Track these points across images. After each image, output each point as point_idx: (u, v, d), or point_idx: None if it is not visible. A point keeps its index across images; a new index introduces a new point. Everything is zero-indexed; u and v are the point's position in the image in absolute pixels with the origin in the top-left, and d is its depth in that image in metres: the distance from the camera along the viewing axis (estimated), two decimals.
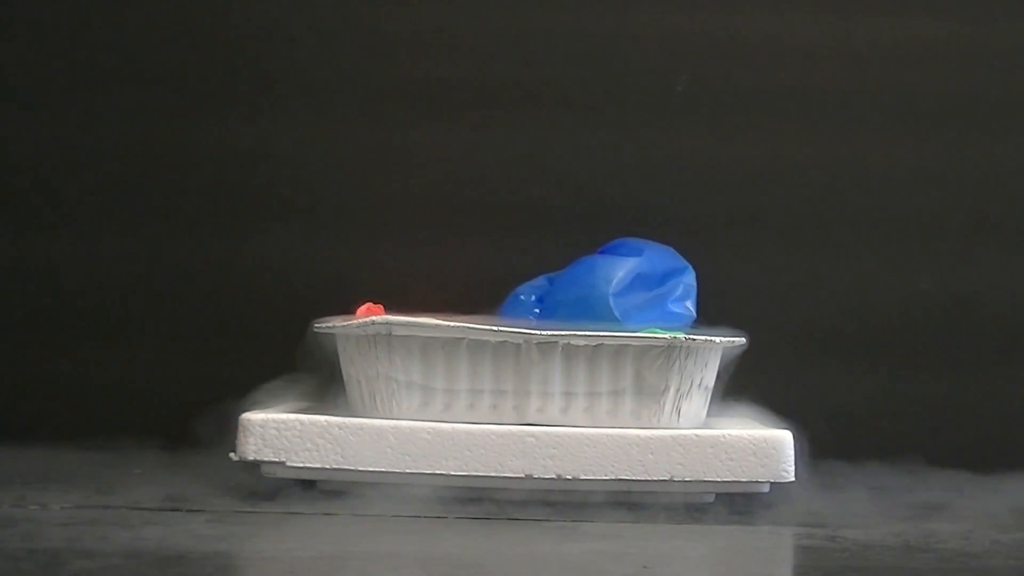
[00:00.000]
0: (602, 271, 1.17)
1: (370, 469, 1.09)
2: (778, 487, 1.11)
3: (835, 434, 1.25)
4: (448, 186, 1.41)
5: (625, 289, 1.17)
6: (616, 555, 0.95)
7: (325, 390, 1.20)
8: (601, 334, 1.11)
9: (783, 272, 1.40)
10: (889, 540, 1.01)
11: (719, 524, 1.06)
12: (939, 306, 1.40)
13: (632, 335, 1.11)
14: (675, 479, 1.09)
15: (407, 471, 1.09)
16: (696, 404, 1.14)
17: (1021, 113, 1.41)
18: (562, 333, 1.10)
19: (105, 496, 1.10)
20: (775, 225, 1.40)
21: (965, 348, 1.40)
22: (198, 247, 1.41)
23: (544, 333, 1.10)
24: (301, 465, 1.09)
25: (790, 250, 1.40)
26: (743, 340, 1.14)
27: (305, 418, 1.09)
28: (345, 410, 1.14)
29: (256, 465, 1.10)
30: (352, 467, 1.09)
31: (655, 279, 1.18)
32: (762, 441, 1.10)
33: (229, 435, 1.10)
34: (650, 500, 1.10)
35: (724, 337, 1.12)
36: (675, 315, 1.17)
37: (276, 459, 1.09)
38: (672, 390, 1.12)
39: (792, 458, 1.10)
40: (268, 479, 1.11)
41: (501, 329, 1.10)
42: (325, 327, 1.14)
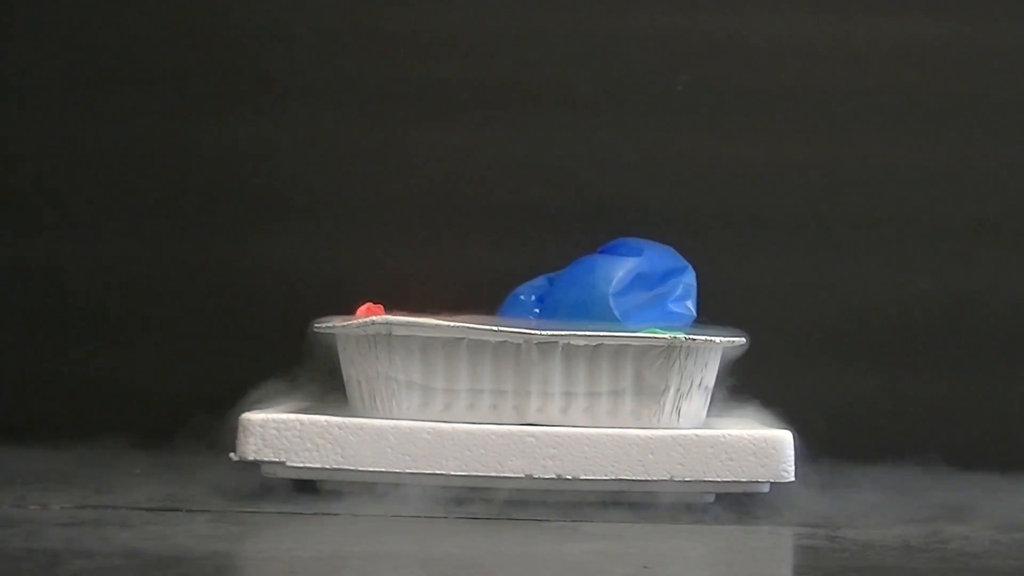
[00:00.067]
0: (602, 271, 1.17)
1: (370, 469, 1.09)
2: (778, 487, 1.11)
3: (835, 434, 1.25)
4: (448, 186, 1.41)
5: (625, 289, 1.16)
6: (616, 555, 0.95)
7: (325, 390, 1.20)
8: (601, 334, 1.10)
9: (783, 272, 1.40)
10: (889, 540, 1.01)
11: (719, 524, 1.06)
12: (939, 306, 1.40)
13: (632, 335, 1.11)
14: (675, 479, 1.09)
15: (407, 471, 1.09)
16: (696, 404, 1.13)
17: (1021, 113, 1.40)
18: (562, 333, 1.10)
19: (105, 496, 1.10)
20: (775, 225, 1.40)
21: (965, 348, 1.40)
22: (198, 247, 1.41)
23: (544, 333, 1.10)
24: (301, 465, 1.09)
25: (790, 250, 1.40)
26: (743, 340, 1.14)
27: (305, 418, 1.09)
28: (345, 410, 1.14)
29: (256, 465, 1.10)
30: (352, 467, 1.09)
31: (655, 279, 1.18)
32: (762, 441, 1.09)
33: (229, 435, 1.10)
34: (650, 500, 1.10)
35: (724, 337, 1.12)
36: (675, 315, 1.17)
37: (276, 459, 1.09)
38: (672, 390, 1.12)
39: (792, 458, 1.10)
40: (268, 479, 1.11)
41: (501, 329, 1.10)
42: (325, 327, 1.14)
